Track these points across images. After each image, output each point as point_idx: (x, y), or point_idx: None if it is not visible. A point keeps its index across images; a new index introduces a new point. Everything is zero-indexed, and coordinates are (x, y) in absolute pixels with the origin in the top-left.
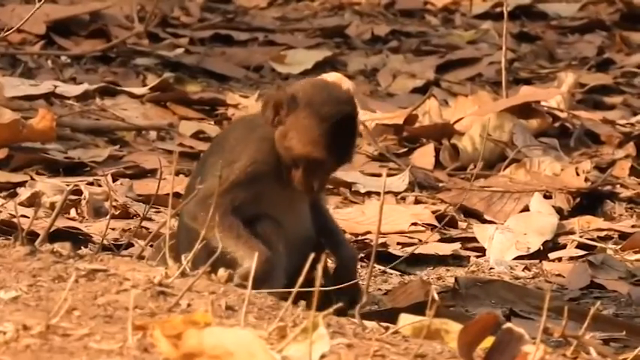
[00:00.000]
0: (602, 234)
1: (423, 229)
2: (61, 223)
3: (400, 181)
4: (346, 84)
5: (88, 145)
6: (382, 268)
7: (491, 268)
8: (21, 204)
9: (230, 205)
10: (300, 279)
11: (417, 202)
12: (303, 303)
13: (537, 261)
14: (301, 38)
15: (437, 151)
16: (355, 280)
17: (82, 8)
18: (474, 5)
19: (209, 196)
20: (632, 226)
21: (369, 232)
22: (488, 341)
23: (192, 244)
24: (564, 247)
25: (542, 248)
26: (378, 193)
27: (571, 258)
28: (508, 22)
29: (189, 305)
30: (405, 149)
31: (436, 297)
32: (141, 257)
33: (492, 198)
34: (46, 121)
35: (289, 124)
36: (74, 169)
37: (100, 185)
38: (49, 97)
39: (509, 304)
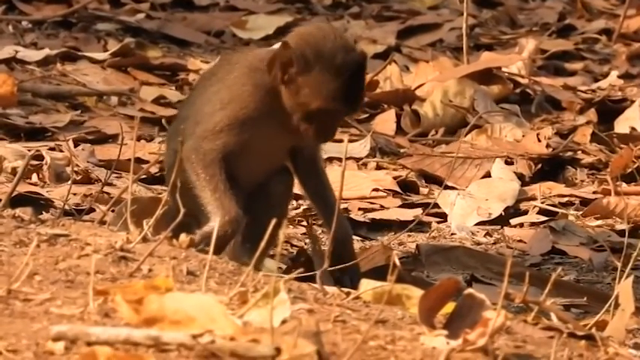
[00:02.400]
0: (564, 200)
1: (385, 194)
2: (23, 188)
3: (361, 147)
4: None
5: (49, 110)
6: None
7: (452, 234)
8: None
9: (221, 152)
10: (262, 243)
11: (379, 167)
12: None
13: (499, 227)
14: (262, 3)
15: (398, 116)
16: (355, 261)
17: None
18: None
19: (205, 137)
20: (594, 192)
21: None
22: (450, 307)
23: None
24: (526, 212)
25: (503, 214)
26: (339, 159)
27: (532, 224)
28: None
29: (150, 270)
30: (367, 115)
31: (397, 262)
32: (102, 222)
33: (454, 164)
34: (7, 86)
35: (302, 82)
36: (35, 134)
37: (61, 150)
38: (10, 62)
39: (470, 269)
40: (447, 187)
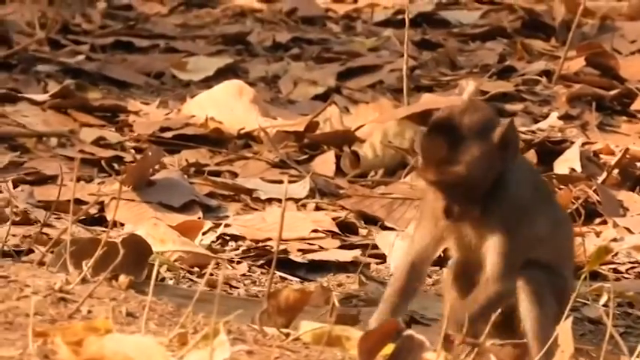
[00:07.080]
0: None
1: (324, 235)
2: None
3: (301, 188)
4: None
5: None
6: (283, 274)
7: (391, 275)
8: None
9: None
10: None
11: (318, 208)
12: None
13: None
14: (203, 45)
15: (338, 158)
16: None
17: None
18: (375, 12)
19: None
20: None
21: (269, 239)
22: (389, 348)
23: None
24: None
25: None
26: (278, 200)
27: None
28: (409, 30)
29: (89, 312)
30: (306, 156)
31: (337, 304)
32: (41, 263)
33: (393, 205)
34: None
35: None
36: None
37: (0, 191)
38: None
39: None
40: (386, 228)
